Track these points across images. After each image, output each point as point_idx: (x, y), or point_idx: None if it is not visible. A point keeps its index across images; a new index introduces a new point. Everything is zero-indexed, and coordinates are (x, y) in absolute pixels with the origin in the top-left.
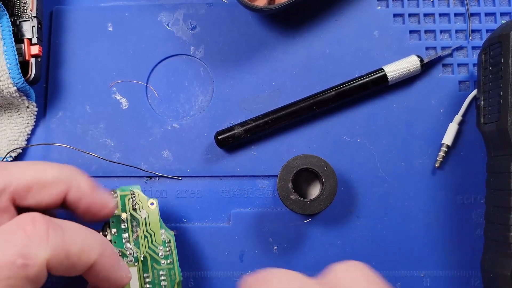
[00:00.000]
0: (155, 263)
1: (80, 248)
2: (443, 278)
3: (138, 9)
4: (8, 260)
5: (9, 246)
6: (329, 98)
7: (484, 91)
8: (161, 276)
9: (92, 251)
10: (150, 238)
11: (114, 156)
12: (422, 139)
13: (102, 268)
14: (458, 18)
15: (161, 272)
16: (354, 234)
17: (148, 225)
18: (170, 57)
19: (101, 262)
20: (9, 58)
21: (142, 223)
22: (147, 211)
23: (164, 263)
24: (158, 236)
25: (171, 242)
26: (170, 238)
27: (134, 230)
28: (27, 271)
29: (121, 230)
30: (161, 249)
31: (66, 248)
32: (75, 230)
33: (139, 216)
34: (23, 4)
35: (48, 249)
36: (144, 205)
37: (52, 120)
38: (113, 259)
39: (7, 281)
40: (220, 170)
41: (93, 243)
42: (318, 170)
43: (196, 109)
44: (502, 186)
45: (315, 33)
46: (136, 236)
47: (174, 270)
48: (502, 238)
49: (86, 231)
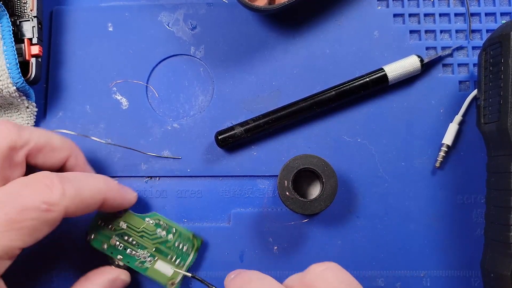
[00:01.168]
0: (166, 243)
1: (90, 193)
2: (443, 278)
3: (138, 9)
4: (35, 204)
5: (35, 193)
6: (329, 98)
7: (484, 91)
8: (179, 246)
9: (100, 191)
10: (144, 233)
11: (114, 156)
12: (422, 139)
13: (112, 200)
14: (458, 18)
15: (176, 244)
16: (354, 234)
17: (133, 227)
18: (170, 57)
19: (110, 196)
20: (8, 58)
21: (129, 230)
22: (122, 219)
23: (171, 237)
24: (143, 224)
25: (160, 219)
26: (155, 219)
27: (129, 240)
28: (48, 216)
29: (122, 251)
30: (158, 231)
31: (79, 195)
32: (82, 178)
33: (122, 228)
34: (23, 4)
35: (66, 198)
36: (117, 221)
37: (52, 120)
38: (118, 189)
39: (32, 222)
40: (220, 170)
41: (99, 184)
42: (318, 170)
43: (196, 109)
44: (502, 186)
45: (315, 33)
46: (133, 241)
47: (183, 234)
48: (502, 238)
49: (90, 177)
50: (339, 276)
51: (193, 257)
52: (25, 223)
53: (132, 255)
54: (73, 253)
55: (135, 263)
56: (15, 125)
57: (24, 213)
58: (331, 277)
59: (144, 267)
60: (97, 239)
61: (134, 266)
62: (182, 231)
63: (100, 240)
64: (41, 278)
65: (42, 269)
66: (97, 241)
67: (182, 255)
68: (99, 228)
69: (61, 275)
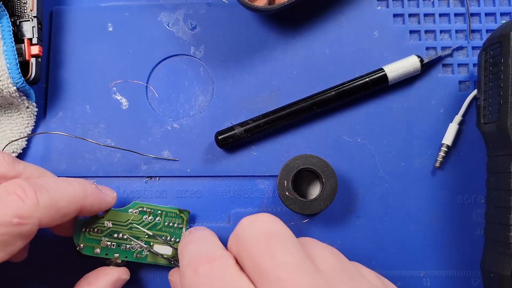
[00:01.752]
0: (156, 226)
1: (67, 201)
2: (443, 278)
3: (138, 9)
4: (6, 219)
5: (5, 207)
6: (329, 98)
7: (484, 91)
8: (169, 224)
9: (77, 198)
10: (131, 225)
11: (114, 156)
12: (422, 139)
13: (90, 206)
14: (458, 18)
15: (166, 223)
16: (354, 234)
17: (118, 223)
18: (170, 57)
19: (88, 202)
20: (8, 58)
21: (116, 227)
22: (106, 219)
23: (159, 219)
24: (128, 217)
25: (143, 206)
26: (138, 207)
27: (119, 236)
28: (21, 229)
29: (116, 249)
30: (145, 218)
31: (55, 205)
32: (57, 185)
33: (109, 227)
34: (23, 4)
35: (40, 209)
36: (101, 222)
37: (52, 120)
38: (96, 193)
39: (2, 237)
40: (220, 170)
41: (75, 190)
42: (318, 170)
43: (196, 109)
44: (502, 186)
45: (315, 33)
46: (124, 236)
47: (169, 212)
48: (502, 238)
49: (65, 183)
50: (265, 226)
51: (186, 230)
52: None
53: (128, 249)
54: (68, 255)
55: (133, 255)
56: (10, 157)
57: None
58: (258, 227)
59: (143, 256)
60: (87, 246)
61: (133, 259)
62: (168, 209)
63: (90, 247)
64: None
65: (38, 275)
66: (87, 248)
67: (175, 232)
68: (85, 235)
69: (58, 279)
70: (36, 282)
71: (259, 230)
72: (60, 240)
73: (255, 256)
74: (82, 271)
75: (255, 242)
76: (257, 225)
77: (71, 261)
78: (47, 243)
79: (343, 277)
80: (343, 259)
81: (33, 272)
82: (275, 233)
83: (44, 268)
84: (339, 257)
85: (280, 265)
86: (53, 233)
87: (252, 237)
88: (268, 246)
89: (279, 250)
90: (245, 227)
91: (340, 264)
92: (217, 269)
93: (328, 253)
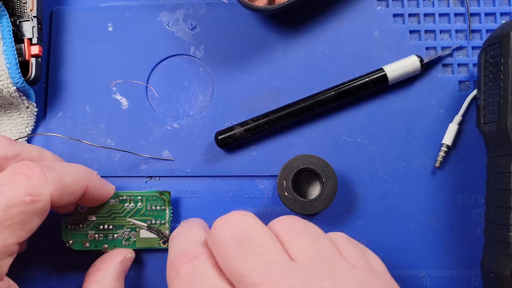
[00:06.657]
0: (140, 212)
1: (73, 179)
2: (443, 278)
3: (138, 9)
4: (19, 199)
5: (16, 188)
6: (329, 98)
7: (484, 91)
8: (152, 208)
9: (83, 178)
10: (114, 214)
11: (114, 156)
12: (422, 139)
13: (94, 189)
14: (458, 18)
15: (148, 207)
16: (354, 234)
17: (101, 215)
18: (170, 57)
19: (92, 184)
20: (8, 58)
21: (100, 219)
22: (88, 213)
23: (140, 205)
24: (109, 208)
25: (123, 195)
26: (118, 196)
27: (105, 227)
28: (35, 206)
29: (104, 240)
30: (126, 205)
31: (63, 182)
32: (63, 166)
33: (93, 221)
34: (23, 4)
35: (50, 185)
36: (85, 217)
37: (52, 120)
38: (99, 179)
39: (19, 217)
40: (220, 170)
41: (81, 172)
42: (318, 170)
43: (196, 109)
44: (502, 186)
45: (315, 33)
46: (110, 226)
47: (149, 197)
48: (502, 238)
49: (71, 165)
50: (237, 228)
51: (169, 211)
52: (14, 219)
53: (115, 238)
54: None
55: (121, 243)
56: (7, 138)
57: (10, 210)
58: (229, 229)
59: (131, 242)
60: (76, 242)
61: (122, 246)
62: (147, 194)
63: (79, 242)
64: (41, 279)
65: (41, 269)
66: (76, 243)
67: (159, 214)
68: (71, 231)
69: (60, 275)
70: (36, 282)
71: (230, 233)
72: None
73: (229, 262)
74: (78, 266)
75: (228, 247)
76: (228, 227)
77: (67, 259)
78: (42, 246)
79: (321, 267)
80: (321, 241)
81: (33, 272)
82: (247, 235)
83: (43, 267)
84: (317, 240)
85: (254, 270)
86: (45, 234)
87: (224, 242)
88: (240, 250)
89: (252, 253)
90: (217, 229)
91: (317, 251)
92: (197, 270)
93: (305, 240)
